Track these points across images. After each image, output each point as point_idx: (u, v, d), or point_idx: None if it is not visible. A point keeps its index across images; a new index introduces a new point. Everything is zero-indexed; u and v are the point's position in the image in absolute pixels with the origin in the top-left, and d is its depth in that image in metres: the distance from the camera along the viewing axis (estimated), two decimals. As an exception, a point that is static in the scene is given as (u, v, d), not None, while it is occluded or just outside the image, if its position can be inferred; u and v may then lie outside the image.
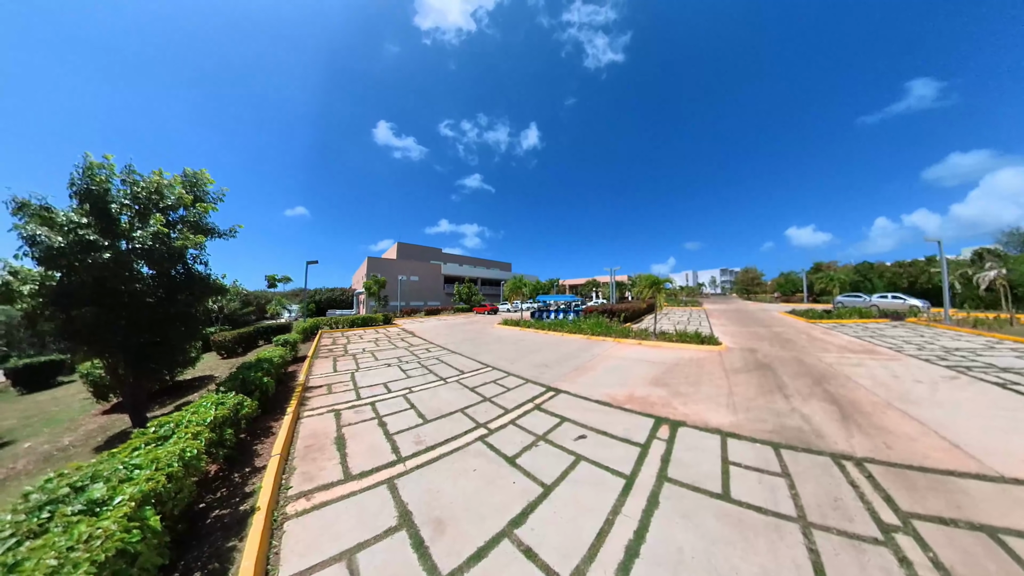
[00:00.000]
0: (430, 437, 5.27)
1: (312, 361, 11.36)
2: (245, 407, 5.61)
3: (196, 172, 7.23)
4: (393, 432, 5.54)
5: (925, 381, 7.46)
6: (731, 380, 7.83)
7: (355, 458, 4.79)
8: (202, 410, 4.88)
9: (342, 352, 13.10)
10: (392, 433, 5.50)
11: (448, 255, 65.51)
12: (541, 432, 5.26)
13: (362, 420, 6.12)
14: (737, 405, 6.19)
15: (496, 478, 4.08)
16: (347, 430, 5.74)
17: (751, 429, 5.17)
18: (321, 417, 6.37)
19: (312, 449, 5.14)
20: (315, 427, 5.94)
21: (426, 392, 7.58)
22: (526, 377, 8.50)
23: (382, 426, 5.80)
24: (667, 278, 15.18)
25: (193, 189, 7.16)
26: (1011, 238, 31.12)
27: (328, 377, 9.23)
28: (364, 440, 5.33)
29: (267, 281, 25.80)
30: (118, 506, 2.75)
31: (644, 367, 9.24)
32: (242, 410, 5.53)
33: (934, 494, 3.53)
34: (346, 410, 6.66)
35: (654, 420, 5.56)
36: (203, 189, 7.30)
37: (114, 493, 2.88)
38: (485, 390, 7.59)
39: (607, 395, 6.85)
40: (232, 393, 5.77)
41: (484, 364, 10.19)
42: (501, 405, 6.56)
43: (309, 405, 7.03)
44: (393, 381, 8.60)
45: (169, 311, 6.72)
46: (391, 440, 5.25)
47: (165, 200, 6.50)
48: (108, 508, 2.74)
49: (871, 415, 5.60)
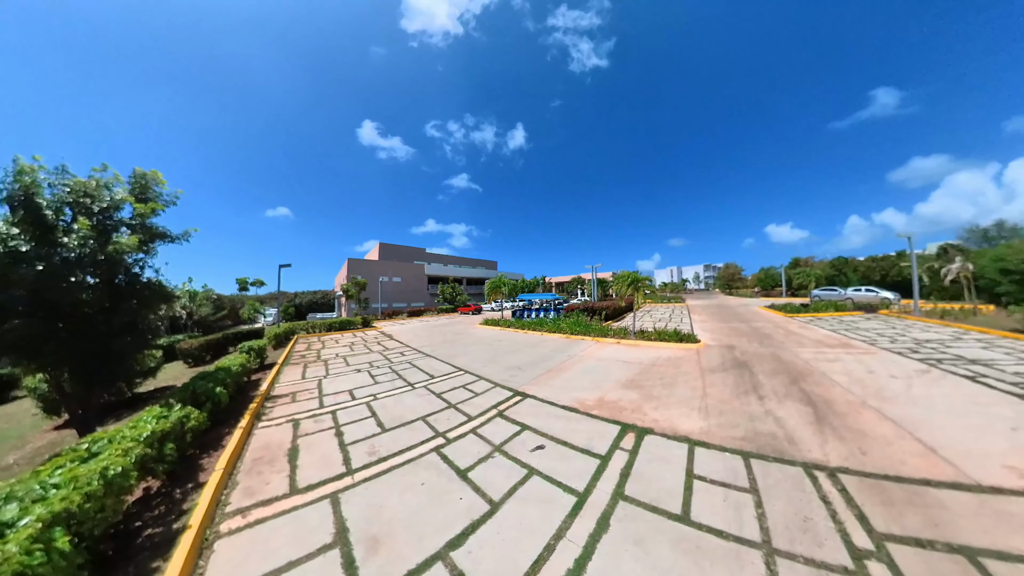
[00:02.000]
0: (385, 447, 5.14)
1: (281, 368, 11.04)
2: (192, 420, 5.39)
3: (147, 172, 6.90)
4: (349, 442, 5.39)
5: (899, 376, 7.50)
6: (706, 381, 7.82)
7: (304, 470, 4.64)
8: (141, 424, 4.67)
9: (314, 358, 12.79)
10: (347, 443, 5.36)
11: (432, 255, 64.96)
12: (499, 442, 5.13)
13: (320, 430, 5.95)
14: (710, 409, 6.08)
15: (443, 493, 3.96)
16: (303, 441, 5.57)
17: (721, 436, 5.01)
18: (278, 427, 6.17)
19: (261, 462, 4.96)
20: (270, 438, 5.75)
21: (390, 399, 7.42)
22: (496, 381, 8.40)
23: (339, 436, 5.64)
24: (647, 276, 15.29)
25: (143, 191, 6.83)
26: (972, 234, 32.61)
27: (294, 385, 8.97)
28: (317, 451, 5.17)
29: (238, 284, 25.17)
30: (24, 528, 2.61)
31: (620, 368, 9.22)
32: (188, 423, 5.31)
33: (911, 510, 3.35)
34: (306, 419, 6.47)
35: (620, 427, 5.45)
36: (154, 191, 6.98)
37: (24, 514, 2.73)
38: (452, 396, 7.46)
39: (576, 400, 6.76)
40: (179, 406, 5.53)
41: (456, 368, 10.05)
42: (465, 412, 6.43)
43: (269, 415, 6.81)
44: (360, 388, 8.41)
45: (113, 321, 6.41)
46: (344, 451, 5.11)
47: (99, 202, 6.15)
48: (15, 530, 2.60)
49: (846, 416, 5.49)
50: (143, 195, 6.75)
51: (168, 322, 19.65)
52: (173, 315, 20.24)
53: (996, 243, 31.31)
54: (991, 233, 31.87)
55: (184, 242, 8.68)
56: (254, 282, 26.81)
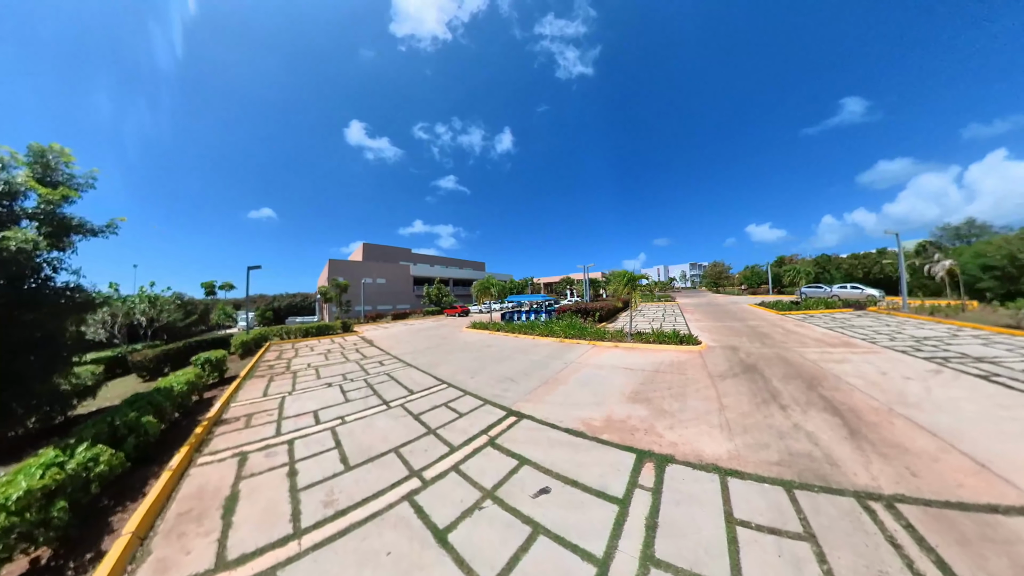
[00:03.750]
0: (346, 494, 4.09)
1: (242, 383, 9.76)
2: (101, 464, 4.22)
3: (46, 147, 5.58)
4: (303, 486, 4.32)
5: (914, 377, 7.27)
6: (719, 389, 7.11)
7: (240, 530, 3.58)
8: (17, 481, 3.51)
9: (283, 369, 11.48)
10: (301, 488, 4.28)
11: (418, 255, 63.30)
12: (491, 484, 4.11)
13: (270, 468, 4.84)
14: (732, 425, 5.39)
15: (413, 570, 2.95)
16: (246, 484, 4.47)
17: (755, 461, 4.31)
18: (220, 465, 5.04)
19: (187, 518, 3.86)
20: (207, 480, 4.63)
21: (361, 423, 6.31)
22: (485, 397, 7.36)
23: (291, 477, 4.55)
24: (643, 274, 14.54)
25: (46, 172, 5.57)
26: (944, 231, 33.76)
27: (252, 405, 7.76)
28: (261, 499, 4.10)
29: (204, 289, 23.48)
30: None
31: (622, 376, 8.36)
32: (96, 468, 4.15)
33: (991, 548, 2.82)
34: (256, 452, 5.35)
35: (635, 455, 4.56)
36: (62, 172, 5.73)
37: None
38: (432, 417, 6.41)
39: (580, 420, 5.82)
40: (85, 445, 4.35)
41: (439, 380, 8.95)
42: (447, 440, 5.38)
43: (213, 447, 5.66)
44: (327, 408, 7.25)
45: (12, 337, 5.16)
46: (295, 500, 4.04)
47: None
48: None
49: (879, 426, 5.08)
50: (47, 177, 5.49)
51: (125, 330, 17.90)
52: (131, 323, 18.43)
53: (968, 240, 32.43)
54: (963, 231, 33.07)
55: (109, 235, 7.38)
56: (222, 285, 24.98)
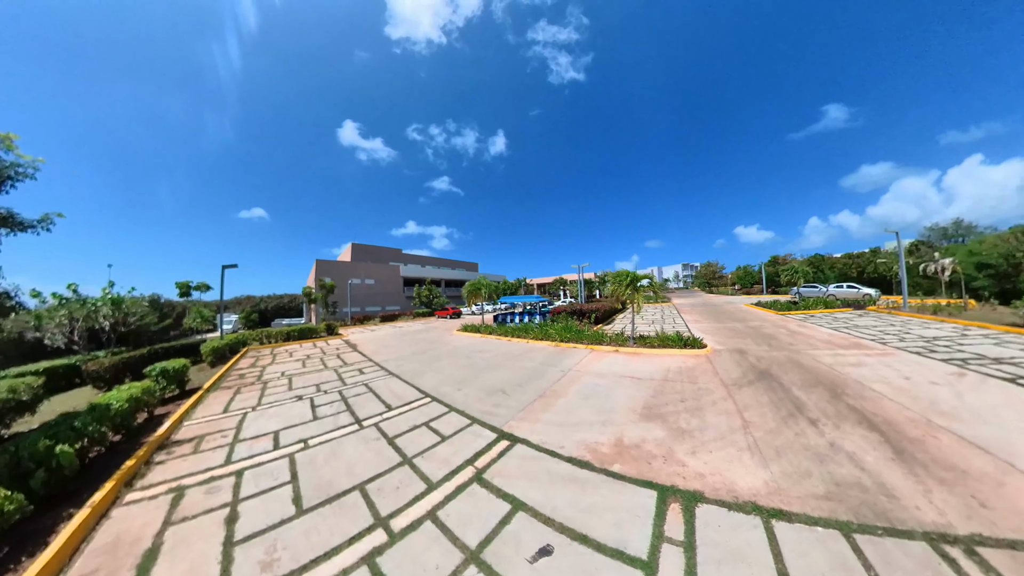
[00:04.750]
0: (291, 552, 3.20)
1: (204, 396, 8.73)
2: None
3: None
4: (241, 537, 3.42)
5: (939, 382, 6.82)
6: (737, 400, 6.38)
7: (145, 609, 2.68)
8: None
9: (254, 379, 10.43)
10: (238, 540, 3.38)
11: (409, 255, 62.02)
12: (476, 540, 3.19)
13: (207, 510, 3.93)
14: (762, 446, 4.65)
15: None
16: (174, 533, 3.57)
17: (800, 495, 3.57)
18: (151, 503, 4.13)
19: (83, 588, 2.95)
20: (128, 526, 3.73)
21: (325, 448, 5.36)
22: (473, 414, 6.41)
23: (230, 524, 3.64)
24: (646, 274, 13.78)
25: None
26: (932, 232, 34.21)
27: (208, 423, 6.78)
28: (186, 557, 3.21)
29: (179, 289, 22.20)
30: None
31: (628, 387, 7.54)
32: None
33: None
34: (196, 487, 4.43)
35: (657, 493, 3.73)
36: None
37: None
38: (410, 441, 5.45)
39: (584, 444, 4.95)
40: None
41: (422, 393, 7.99)
42: (424, 474, 4.43)
43: (147, 479, 4.72)
44: (291, 427, 6.29)
45: None
46: (227, 558, 3.15)
47: None
48: None
49: (924, 443, 4.51)
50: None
51: (86, 335, 16.60)
52: (93, 327, 17.14)
53: (955, 240, 32.85)
54: (950, 231, 33.54)
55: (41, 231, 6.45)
56: (198, 286, 23.68)
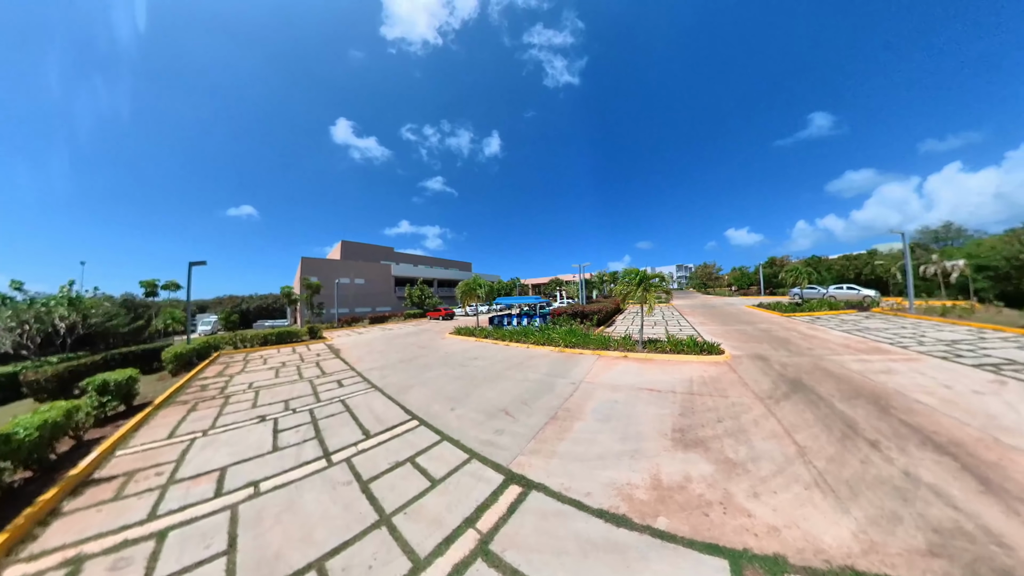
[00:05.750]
0: None
1: (152, 414, 7.39)
2: None
3: None
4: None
5: (983, 391, 6.27)
6: (780, 419, 5.43)
7: None
8: None
9: (216, 392, 9.05)
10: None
11: (401, 255, 60.43)
12: None
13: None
14: (830, 480, 3.76)
15: None
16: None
17: (900, 551, 2.73)
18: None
19: None
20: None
21: (279, 496, 4.09)
22: (471, 446, 5.14)
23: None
24: (657, 273, 12.78)
25: None
26: (924, 235, 34.40)
27: (145, 453, 5.49)
28: None
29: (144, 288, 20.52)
30: None
31: (649, 403, 6.47)
32: None
33: None
34: (99, 558, 3.21)
35: (729, 563, 2.69)
36: None
37: None
38: (390, 487, 4.17)
39: (615, 487, 3.82)
40: None
41: (409, 414, 6.71)
42: (407, 543, 3.19)
43: (42, 541, 3.48)
44: (243, 462, 5.01)
45: None
46: None
47: None
48: None
49: (1004, 468, 3.87)
50: None
51: (38, 339, 15.01)
52: (48, 330, 15.53)
53: (946, 243, 32.96)
54: (941, 234, 33.60)
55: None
56: (166, 284, 22.04)
